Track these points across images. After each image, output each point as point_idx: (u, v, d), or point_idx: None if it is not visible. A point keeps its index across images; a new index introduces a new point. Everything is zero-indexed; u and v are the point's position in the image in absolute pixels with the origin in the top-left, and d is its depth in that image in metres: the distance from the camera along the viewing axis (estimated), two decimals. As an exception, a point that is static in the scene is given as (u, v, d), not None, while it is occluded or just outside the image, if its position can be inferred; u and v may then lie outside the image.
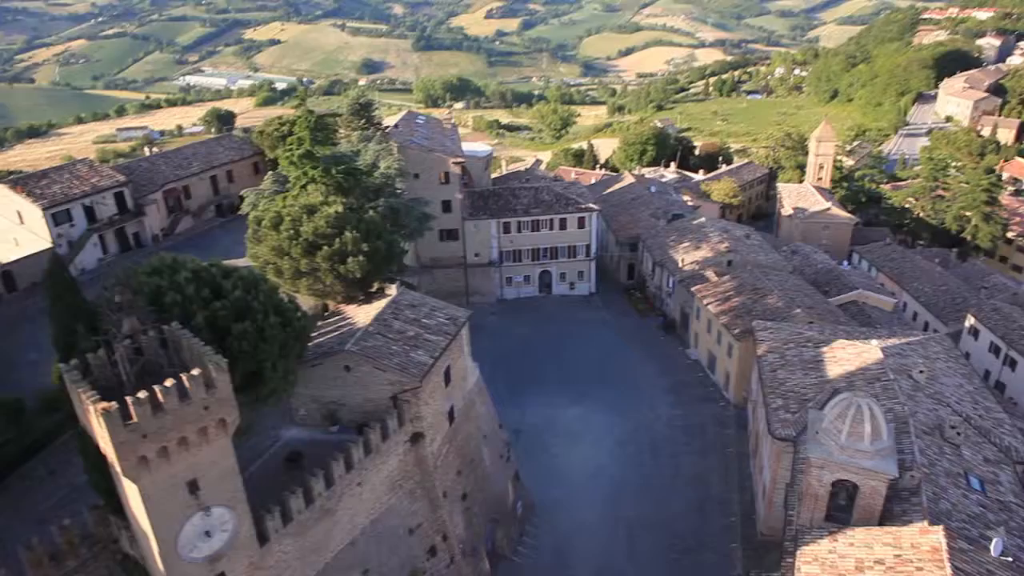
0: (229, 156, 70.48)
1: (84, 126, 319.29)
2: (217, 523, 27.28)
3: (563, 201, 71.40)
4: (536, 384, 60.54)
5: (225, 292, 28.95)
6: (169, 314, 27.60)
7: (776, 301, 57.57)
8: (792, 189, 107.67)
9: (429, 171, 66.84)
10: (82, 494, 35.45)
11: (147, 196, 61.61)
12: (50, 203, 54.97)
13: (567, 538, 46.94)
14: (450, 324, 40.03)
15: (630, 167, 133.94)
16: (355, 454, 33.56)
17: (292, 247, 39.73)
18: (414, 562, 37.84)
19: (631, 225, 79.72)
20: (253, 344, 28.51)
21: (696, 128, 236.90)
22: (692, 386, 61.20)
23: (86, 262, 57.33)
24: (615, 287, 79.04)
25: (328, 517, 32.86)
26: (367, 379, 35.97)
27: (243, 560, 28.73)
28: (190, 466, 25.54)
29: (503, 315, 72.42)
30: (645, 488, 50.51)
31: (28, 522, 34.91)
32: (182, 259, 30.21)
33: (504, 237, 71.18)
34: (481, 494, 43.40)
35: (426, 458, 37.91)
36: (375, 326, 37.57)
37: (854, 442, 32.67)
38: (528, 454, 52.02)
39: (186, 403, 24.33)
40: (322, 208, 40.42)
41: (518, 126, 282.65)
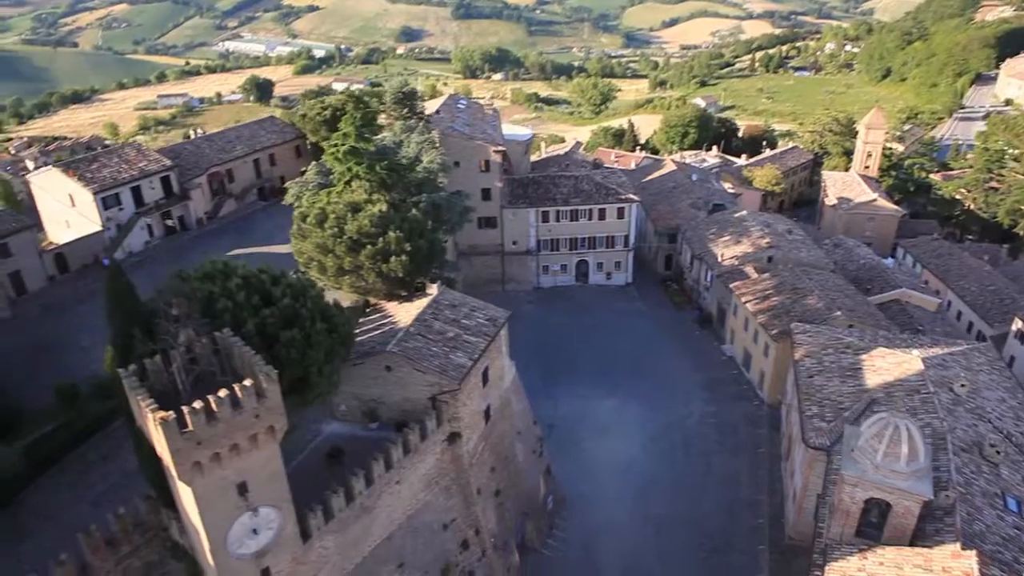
0: (271, 140, 71.43)
1: (126, 92, 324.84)
2: (264, 522, 28.46)
3: (603, 191, 71.13)
4: (570, 375, 61.03)
5: (274, 299, 29.82)
6: (220, 320, 28.57)
7: (816, 302, 56.98)
8: (837, 178, 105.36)
9: (470, 159, 67.03)
10: (133, 480, 37.10)
11: (192, 180, 62.93)
12: (100, 187, 56.54)
13: (596, 533, 47.66)
14: (489, 325, 40.59)
15: (671, 149, 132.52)
16: (394, 454, 34.54)
17: (336, 245, 40.52)
18: (447, 556, 38.98)
19: (670, 215, 79.12)
20: (301, 351, 29.43)
21: (740, 106, 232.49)
22: (726, 383, 61.11)
23: (133, 245, 59.04)
24: (652, 277, 78.81)
25: (367, 514, 33.99)
26: (407, 379, 36.81)
27: (287, 555, 29.96)
28: (240, 470, 26.62)
29: (539, 303, 72.86)
30: (675, 486, 50.90)
31: (83, 504, 36.85)
32: (233, 264, 31.16)
33: (542, 226, 71.32)
34: (514, 489, 44.33)
35: (462, 456, 38.81)
36: (416, 327, 38.27)
37: (890, 462, 32.59)
38: (560, 447, 52.69)
39: (238, 412, 25.31)
40: (366, 207, 41.05)
41: (557, 99, 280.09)
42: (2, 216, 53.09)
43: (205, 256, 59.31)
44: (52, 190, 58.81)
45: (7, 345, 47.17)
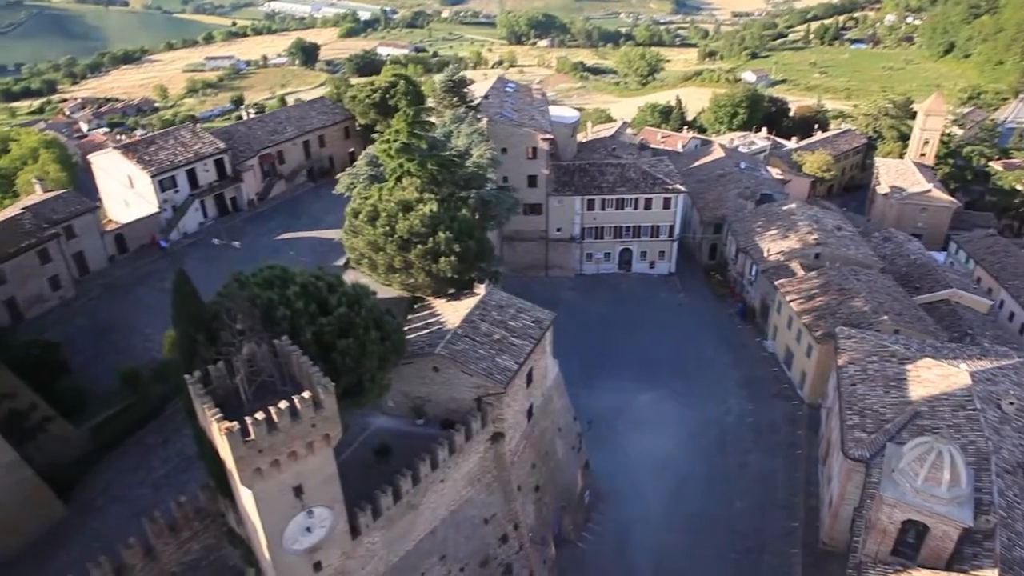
0: (321, 121, 72.30)
1: (174, 53, 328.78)
2: (317, 520, 29.91)
3: (650, 180, 70.69)
4: (610, 366, 61.58)
5: (330, 308, 30.83)
6: (279, 327, 29.69)
7: (863, 305, 56.36)
8: (891, 165, 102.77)
9: (517, 145, 67.11)
10: (191, 464, 39.12)
11: (244, 162, 64.23)
12: (158, 170, 58.19)
13: (630, 527, 48.64)
14: (535, 327, 41.27)
15: (719, 130, 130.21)
16: (440, 454, 35.71)
17: (387, 243, 41.38)
18: (486, 549, 40.35)
19: (717, 205, 78.32)
20: (355, 360, 30.50)
21: (792, 81, 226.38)
22: (766, 381, 61.06)
23: (188, 226, 60.79)
24: (695, 267, 78.38)
25: (413, 511, 35.35)
26: (454, 380, 37.82)
27: (337, 550, 31.47)
28: (297, 474, 27.96)
29: (581, 291, 73.20)
30: (710, 484, 51.43)
31: (145, 486, 38.93)
32: (291, 271, 32.17)
33: (587, 214, 71.34)
34: (552, 485, 45.41)
35: (504, 455, 39.89)
36: (463, 328, 39.12)
37: (930, 487, 32.71)
38: (598, 441, 53.35)
39: (297, 422, 26.52)
40: (417, 207, 41.72)
41: (603, 69, 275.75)
42: (67, 198, 55.04)
43: (256, 238, 61.34)
44: (112, 171, 60.65)
45: (73, 326, 49.40)
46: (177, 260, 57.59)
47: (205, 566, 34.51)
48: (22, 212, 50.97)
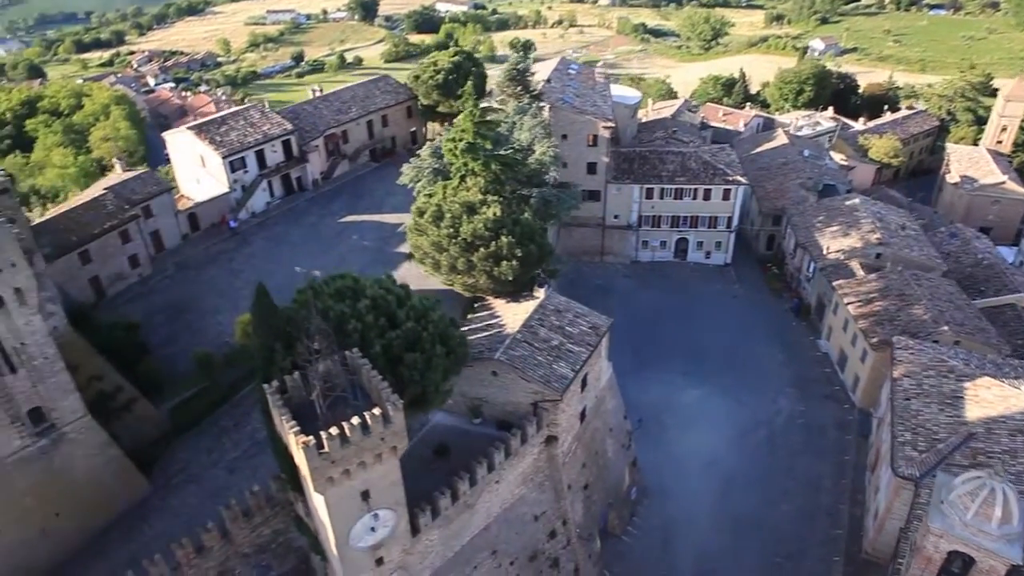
0: (385, 101, 73.16)
1: (236, 5, 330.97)
2: (381, 521, 31.83)
3: (710, 171, 69.97)
4: (661, 358, 61.98)
5: (399, 322, 32.21)
6: (350, 339, 31.24)
7: (923, 313, 55.51)
8: (963, 153, 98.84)
9: (578, 132, 67.09)
10: (262, 449, 41.48)
11: (310, 143, 65.69)
12: (229, 151, 60.11)
13: (674, 525, 49.81)
14: (592, 334, 42.13)
15: (783, 107, 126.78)
16: (496, 457, 37.26)
17: (451, 245, 42.50)
18: (535, 544, 42.12)
19: (777, 195, 77.08)
20: (421, 373, 31.96)
21: (863, 49, 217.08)
22: (818, 382, 60.85)
23: (256, 205, 62.91)
24: (752, 258, 77.69)
25: (469, 510, 37.13)
26: (511, 385, 39.13)
27: (398, 547, 33.45)
28: (365, 480, 29.76)
29: (635, 278, 73.43)
30: (756, 485, 51.99)
31: (220, 468, 41.54)
32: (362, 282, 33.56)
33: (646, 202, 71.17)
34: (601, 482, 46.81)
35: (556, 456, 41.30)
36: (522, 333, 40.23)
37: (980, 522, 32.96)
38: (646, 436, 54.26)
39: (367, 436, 28.18)
40: (481, 209, 42.61)
41: (665, 31, 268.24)
42: (145, 179, 57.48)
43: (320, 220, 62.90)
44: (185, 149, 62.83)
45: (150, 305, 52.20)
46: (245, 240, 60.13)
47: (274, 548, 37.12)
48: (105, 192, 53.53)
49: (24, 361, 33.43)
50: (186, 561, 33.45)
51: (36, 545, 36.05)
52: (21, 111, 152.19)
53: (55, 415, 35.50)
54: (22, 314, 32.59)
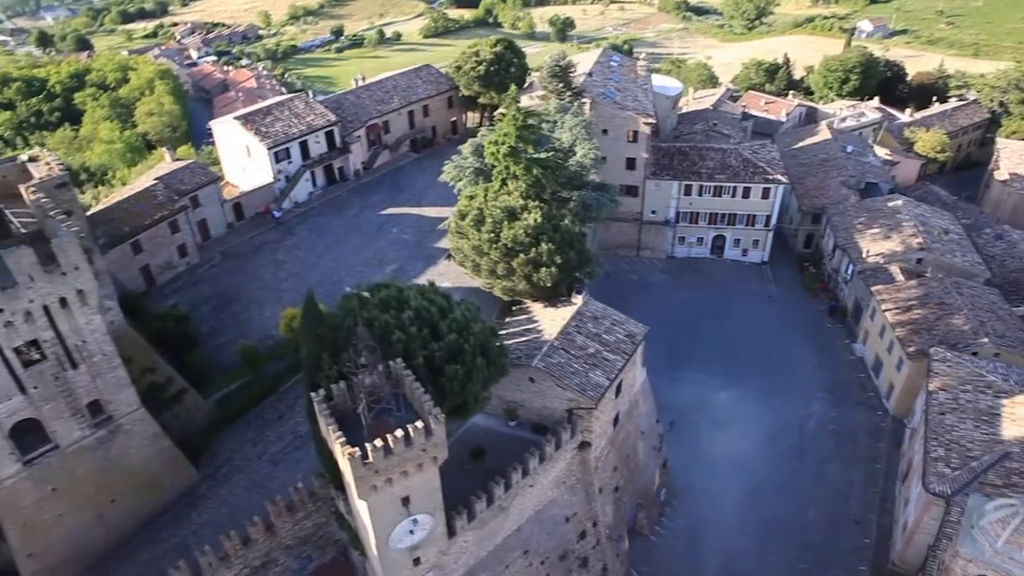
0: (426, 91, 73.53)
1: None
2: (420, 525, 33.09)
3: (751, 169, 69.40)
4: (693, 357, 62.23)
5: (442, 334, 33.11)
6: (393, 349, 32.26)
7: (963, 323, 54.94)
8: (1014, 149, 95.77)
9: (619, 128, 66.93)
10: (304, 443, 43.04)
11: (352, 133, 66.51)
12: (274, 143, 61.22)
13: (702, 526, 50.62)
14: (628, 342, 42.68)
15: (827, 95, 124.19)
16: (531, 463, 38.25)
17: (491, 250, 43.19)
18: (566, 544, 43.25)
19: (817, 193, 76.16)
20: (462, 384, 32.92)
21: (913, 32, 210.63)
22: (851, 387, 60.69)
23: (299, 195, 64.13)
24: (789, 255, 77.07)
25: (503, 513, 38.28)
26: (547, 391, 39.97)
27: (434, 548, 34.75)
28: (406, 487, 30.96)
29: (670, 274, 73.46)
30: (785, 490, 52.44)
31: (264, 460, 43.14)
32: (406, 293, 34.46)
33: (684, 199, 70.95)
34: (631, 484, 47.68)
35: (589, 460, 42.19)
36: (560, 340, 40.93)
37: (1011, 550, 33.23)
38: (677, 436, 54.89)
39: (409, 447, 29.28)
40: (522, 215, 43.15)
41: (708, 9, 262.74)
42: (193, 169, 58.86)
43: (361, 212, 63.88)
44: (231, 138, 64.10)
45: (197, 294, 53.89)
46: (289, 230, 61.46)
47: (314, 540, 38.74)
48: (155, 183, 55.07)
49: (85, 357, 35.09)
50: (233, 552, 35.12)
51: (93, 528, 38.10)
52: (70, 84, 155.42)
53: (112, 408, 37.25)
54: (83, 314, 34.16)
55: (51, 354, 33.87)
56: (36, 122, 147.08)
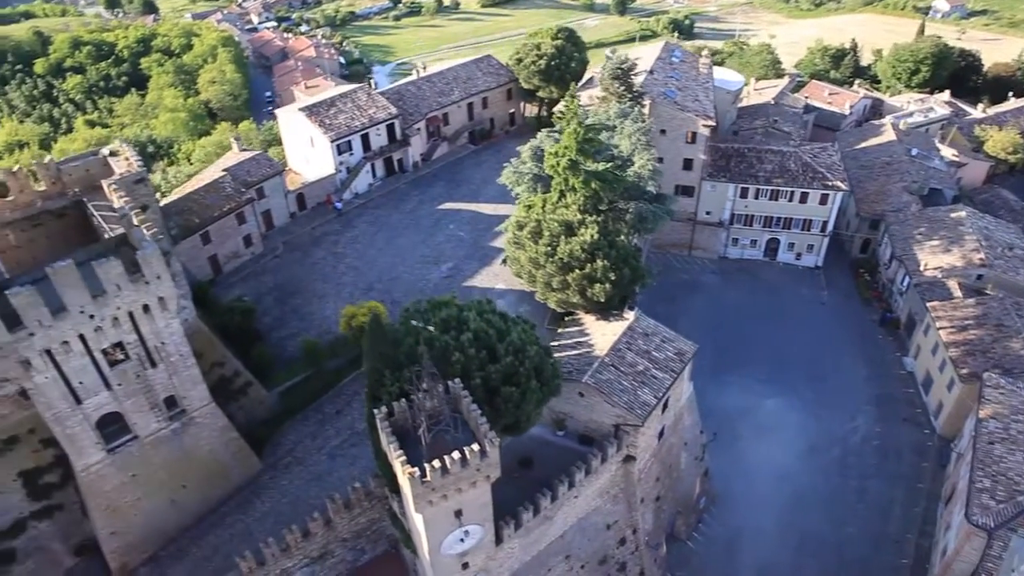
0: (486, 83, 73.96)
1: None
2: (470, 535, 34.93)
3: (810, 174, 68.51)
4: (740, 362, 62.48)
5: (499, 356, 34.41)
6: (452, 369, 33.75)
7: (1021, 348, 54.09)
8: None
9: (677, 129, 66.73)
10: (360, 440, 45.17)
11: (412, 126, 67.58)
12: (337, 135, 62.71)
13: (740, 535, 51.61)
14: (677, 360, 43.47)
15: (894, 86, 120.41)
16: (577, 476, 39.68)
17: (547, 263, 44.19)
18: (606, 550, 44.84)
19: (877, 198, 74.73)
20: (516, 405, 34.31)
21: (993, 13, 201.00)
22: (899, 402, 60.36)
23: (359, 187, 65.76)
24: (844, 260, 75.97)
25: (548, 521, 39.93)
26: (596, 406, 41.19)
27: (482, 554, 36.63)
28: (459, 502, 32.68)
29: (722, 275, 73.38)
30: (825, 504, 52.98)
31: (323, 454, 45.45)
32: (465, 314, 35.75)
33: (739, 201, 70.56)
34: (672, 493, 48.88)
35: (633, 472, 43.44)
36: (610, 357, 41.95)
37: (1052, 597, 33.51)
38: (720, 442, 55.26)
39: (465, 467, 30.91)
40: (579, 230, 43.93)
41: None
42: (260, 160, 60.76)
43: (419, 205, 65.16)
44: (296, 128, 65.78)
45: (261, 284, 56.18)
46: (349, 222, 63.26)
47: (368, 535, 41.02)
48: (224, 174, 57.15)
49: (163, 357, 37.47)
50: (294, 544, 37.55)
51: (166, 511, 41.00)
52: (137, 49, 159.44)
53: (186, 402, 39.74)
54: (163, 318, 36.41)
55: (134, 355, 36.27)
56: (105, 86, 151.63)
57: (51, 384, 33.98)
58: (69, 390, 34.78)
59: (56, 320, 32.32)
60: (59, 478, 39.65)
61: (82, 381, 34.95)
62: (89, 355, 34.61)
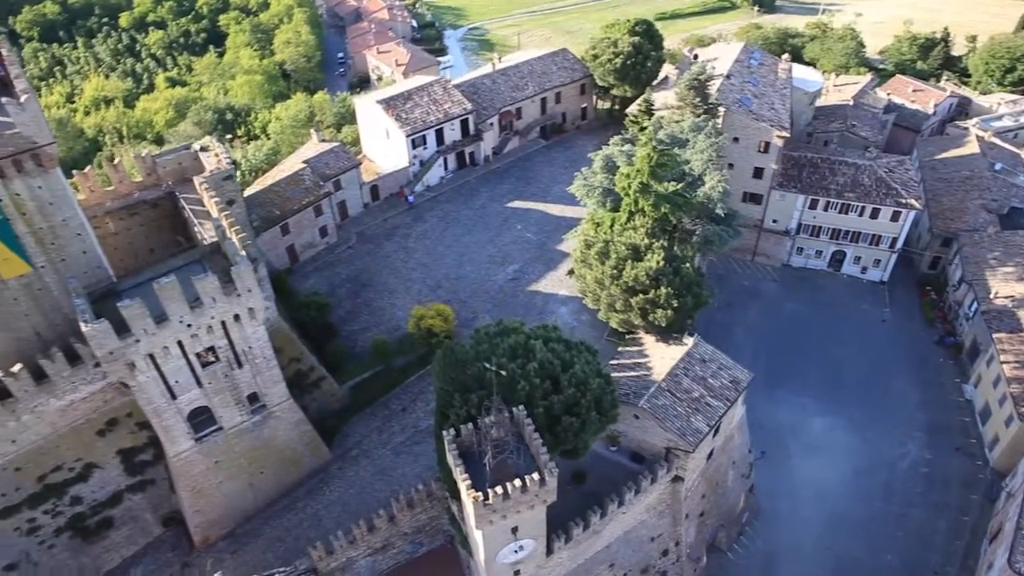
0: (561, 78, 74.24)
1: None
2: (524, 547, 37.40)
3: (883, 189, 67.34)
4: (794, 375, 62.80)
5: (562, 387, 36.27)
6: (517, 396, 35.76)
7: (1086, 391, 53.35)
8: None
9: (751, 137, 66.18)
10: (423, 438, 47.99)
11: (486, 121, 68.68)
12: (412, 130, 64.36)
13: (779, 550, 53.02)
14: (731, 388, 44.64)
15: (985, 84, 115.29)
16: (627, 496, 41.65)
17: (612, 285, 45.52)
18: (648, 560, 47.00)
19: (953, 215, 72.92)
20: (575, 434, 36.27)
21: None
22: (952, 431, 59.95)
23: (430, 179, 67.56)
24: (911, 275, 74.45)
25: (596, 535, 42.16)
26: (649, 429, 42.88)
27: (533, 563, 39.18)
28: (516, 520, 35.07)
29: (783, 284, 73.00)
30: (865, 528, 53.71)
31: (388, 448, 48.42)
32: (532, 343, 37.50)
33: (808, 212, 69.89)
34: (716, 509, 50.52)
35: (680, 491, 45.19)
36: (667, 382, 43.40)
37: (1086, 662, 34.29)
38: (770, 458, 56.48)
39: (525, 493, 33.14)
40: (646, 256, 45.01)
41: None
42: (338, 153, 62.90)
43: (488, 202, 66.58)
44: (373, 119, 67.62)
45: (334, 276, 58.93)
46: (420, 216, 65.31)
47: (427, 530, 44.00)
48: (304, 166, 59.56)
49: (249, 359, 40.51)
50: (360, 537, 40.75)
51: (245, 494, 44.69)
52: (216, 6, 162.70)
53: (266, 399, 42.93)
54: (251, 326, 39.28)
55: (223, 357, 39.37)
56: (184, 43, 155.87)
57: (151, 382, 37.33)
58: (166, 387, 38.13)
59: (159, 328, 35.38)
60: (151, 457, 43.46)
61: (178, 380, 38.24)
62: (185, 358, 37.78)
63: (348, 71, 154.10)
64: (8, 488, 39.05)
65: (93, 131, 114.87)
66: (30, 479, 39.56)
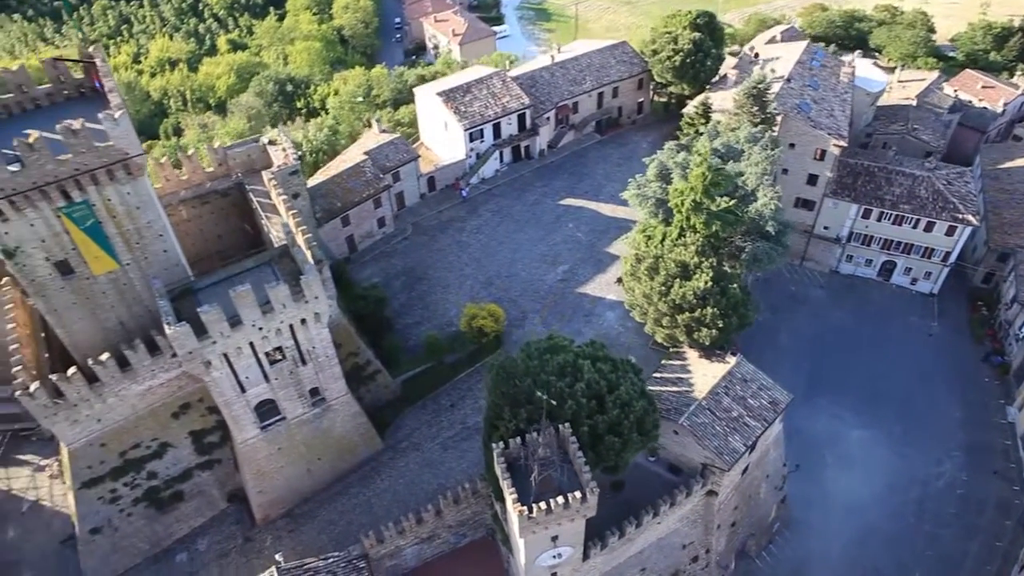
0: (619, 73, 74.18)
1: None
2: (563, 553, 39.73)
3: (940, 203, 66.55)
4: (834, 386, 63.33)
5: (607, 407, 38.03)
6: (563, 413, 37.65)
7: None
8: None
9: (807, 144, 65.89)
10: (471, 435, 50.36)
11: (543, 115, 69.37)
12: (471, 124, 65.51)
13: (807, 561, 54.55)
14: (770, 410, 45.84)
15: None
16: (663, 508, 43.56)
17: (660, 301, 46.76)
18: (678, 565, 49.11)
19: (1012, 229, 71.61)
20: (617, 453, 38.11)
21: None
22: (992, 452, 60.22)
23: (485, 172, 68.88)
24: (962, 287, 73.56)
25: (630, 542, 44.30)
26: (688, 445, 44.50)
27: (569, 567, 41.55)
28: (557, 530, 37.35)
29: (830, 291, 72.91)
30: (895, 544, 54.80)
31: (436, 443, 50.88)
32: (581, 362, 39.16)
33: (860, 221, 69.48)
34: (748, 519, 52.20)
35: (714, 504, 46.93)
36: (707, 400, 44.81)
37: None
38: (804, 468, 57.24)
39: (566, 508, 35.30)
40: (694, 274, 46.06)
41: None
42: (397, 146, 64.45)
43: (541, 198, 67.72)
44: (431, 110, 68.84)
45: (390, 267, 61.06)
46: (474, 209, 66.84)
47: (470, 523, 46.62)
48: (365, 158, 61.38)
49: (312, 358, 43.09)
50: (408, 528, 43.53)
51: (303, 478, 47.83)
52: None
53: (327, 393, 45.64)
54: (316, 328, 41.74)
55: (289, 356, 41.99)
56: (246, 3, 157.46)
57: (224, 378, 40.15)
58: (237, 382, 40.94)
59: (234, 331, 37.99)
60: (219, 439, 46.67)
61: (248, 376, 41.00)
62: (255, 356, 40.46)
63: (405, 37, 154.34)
64: (94, 462, 42.63)
65: (158, 94, 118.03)
66: (113, 454, 43.09)
